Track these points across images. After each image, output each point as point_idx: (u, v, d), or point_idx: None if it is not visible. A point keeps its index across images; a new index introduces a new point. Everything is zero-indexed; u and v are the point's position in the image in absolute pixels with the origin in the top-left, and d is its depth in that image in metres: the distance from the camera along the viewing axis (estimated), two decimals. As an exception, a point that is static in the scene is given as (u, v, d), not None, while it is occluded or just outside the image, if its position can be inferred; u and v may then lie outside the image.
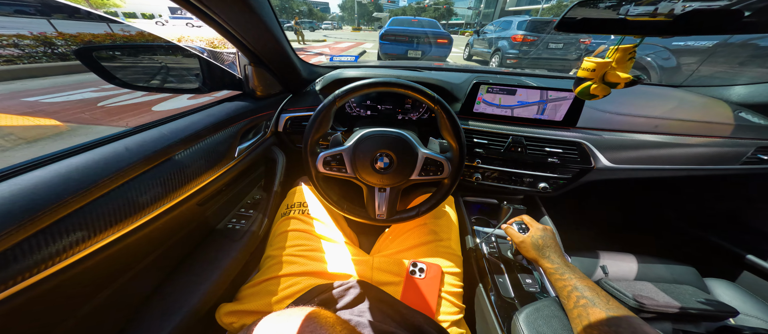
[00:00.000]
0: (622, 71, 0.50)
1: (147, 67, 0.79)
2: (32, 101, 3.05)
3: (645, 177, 0.88)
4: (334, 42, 15.02)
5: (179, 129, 0.56)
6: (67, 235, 0.35)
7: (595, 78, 0.53)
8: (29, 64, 4.05)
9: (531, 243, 0.64)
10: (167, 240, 0.57)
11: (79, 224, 0.36)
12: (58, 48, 4.81)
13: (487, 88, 0.85)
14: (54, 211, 0.33)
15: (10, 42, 4.30)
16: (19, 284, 0.31)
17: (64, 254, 0.35)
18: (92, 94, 3.41)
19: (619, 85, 0.51)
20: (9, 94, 3.23)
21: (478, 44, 7.69)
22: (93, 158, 0.40)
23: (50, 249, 0.33)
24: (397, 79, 0.61)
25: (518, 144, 0.85)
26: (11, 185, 0.32)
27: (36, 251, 0.32)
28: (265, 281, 0.62)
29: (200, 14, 0.53)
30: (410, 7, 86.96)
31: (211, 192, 0.65)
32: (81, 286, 0.41)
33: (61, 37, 4.98)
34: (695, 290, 0.68)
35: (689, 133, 0.85)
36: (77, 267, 0.38)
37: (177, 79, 0.82)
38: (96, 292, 0.44)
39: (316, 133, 0.64)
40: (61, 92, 3.41)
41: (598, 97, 0.55)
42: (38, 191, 0.33)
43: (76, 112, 2.86)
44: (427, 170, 0.64)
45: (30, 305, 0.34)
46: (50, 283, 0.35)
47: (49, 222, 0.33)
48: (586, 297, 0.48)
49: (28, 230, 0.31)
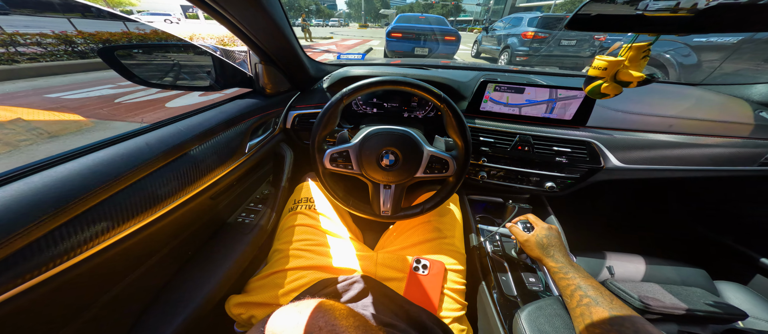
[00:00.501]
0: (635, 70, 0.49)
1: (163, 65, 0.82)
2: (55, 97, 3.20)
3: (657, 178, 0.86)
4: (340, 39, 15.03)
5: (194, 125, 0.58)
6: (93, 225, 0.37)
7: (607, 77, 0.52)
8: (51, 61, 4.24)
9: (536, 242, 0.64)
10: (182, 232, 0.60)
11: (104, 215, 0.39)
12: (78, 46, 5.02)
13: (494, 87, 0.84)
14: (83, 201, 0.36)
15: (34, 41, 4.52)
16: (50, 271, 0.33)
17: (90, 244, 0.37)
18: (110, 90, 3.55)
19: (631, 84, 0.50)
20: (33, 91, 3.39)
21: (486, 41, 7.57)
22: (118, 152, 0.43)
23: (78, 238, 0.36)
24: (404, 78, 0.62)
25: (525, 143, 0.84)
26: (44, 177, 0.34)
27: (65, 240, 0.34)
28: (272, 274, 0.64)
29: (214, 13, 0.54)
30: (417, 3, 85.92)
31: (223, 186, 0.68)
32: (103, 275, 0.43)
33: (80, 36, 5.17)
34: (704, 293, 0.67)
35: (706, 133, 0.83)
36: (100, 257, 0.40)
37: (191, 77, 0.85)
38: (116, 281, 0.46)
39: (323, 130, 0.65)
40: (81, 89, 3.55)
41: (609, 96, 0.54)
42: (69, 182, 0.36)
43: (95, 108, 2.99)
44: (432, 168, 0.65)
45: (56, 293, 0.36)
46: (75, 272, 0.37)
47: (78, 212, 0.36)
48: (589, 296, 0.48)
49: (60, 219, 0.34)
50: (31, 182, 0.33)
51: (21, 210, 0.30)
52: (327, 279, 0.62)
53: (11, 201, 0.31)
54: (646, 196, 1.35)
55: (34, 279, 0.32)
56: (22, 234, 0.30)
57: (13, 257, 0.30)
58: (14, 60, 4.12)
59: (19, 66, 3.87)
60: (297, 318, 0.33)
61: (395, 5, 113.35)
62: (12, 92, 3.31)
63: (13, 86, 3.50)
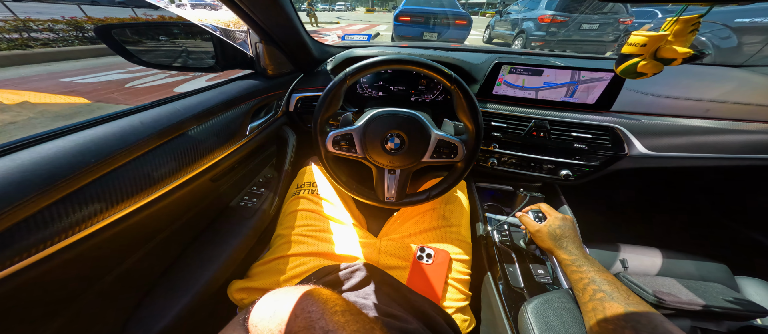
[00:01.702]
0: (681, 45, 0.42)
1: (166, 48, 0.79)
2: (67, 82, 3.28)
3: (686, 166, 0.80)
4: (347, 24, 14.64)
5: (192, 105, 0.56)
6: (86, 205, 0.36)
7: (646, 54, 0.45)
8: (63, 47, 4.32)
9: (548, 233, 0.61)
10: (183, 215, 0.59)
11: (97, 195, 0.37)
12: (88, 32, 5.08)
13: (509, 69, 0.78)
14: (72, 180, 0.34)
15: (46, 26, 4.60)
16: (40, 252, 0.32)
17: (83, 225, 0.36)
18: (120, 75, 3.61)
19: (675, 62, 0.44)
20: (47, 75, 3.47)
21: (499, 26, 7.05)
22: (110, 130, 0.41)
23: (69, 219, 0.35)
24: (411, 57, 0.57)
25: (541, 128, 0.79)
26: (32, 153, 0.33)
27: (56, 221, 0.33)
28: (274, 260, 0.64)
29: None
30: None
31: (224, 169, 0.67)
32: (99, 258, 0.43)
33: (90, 22, 5.23)
34: (723, 288, 0.63)
35: (746, 118, 0.76)
36: (95, 238, 0.39)
37: (193, 59, 0.83)
38: (117, 263, 0.46)
39: (325, 111, 0.62)
40: (93, 74, 3.62)
41: (646, 75, 0.47)
42: (57, 160, 0.34)
43: (106, 93, 3.05)
44: (439, 153, 0.62)
45: (47, 276, 0.35)
46: (68, 254, 0.36)
47: (68, 192, 0.34)
48: (604, 291, 0.45)
49: (49, 198, 0.32)
50: (18, 157, 0.32)
51: (5, 188, 0.29)
52: (329, 266, 0.61)
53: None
54: (668, 185, 1.28)
55: (28, 259, 0.31)
56: (7, 213, 0.29)
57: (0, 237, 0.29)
58: (28, 45, 4.21)
59: (34, 51, 3.96)
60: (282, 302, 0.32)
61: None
62: (28, 76, 3.40)
63: (29, 70, 3.59)
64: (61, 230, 0.34)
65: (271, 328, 0.32)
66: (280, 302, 0.34)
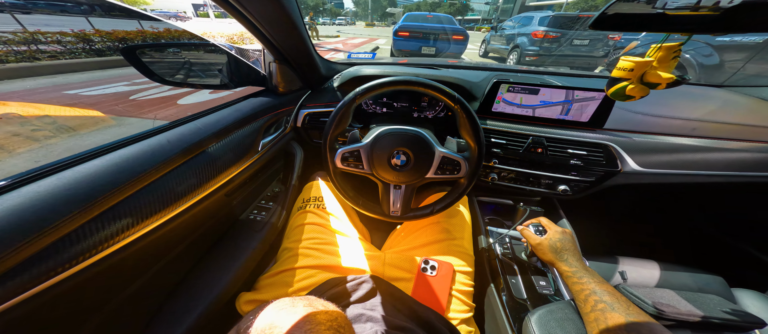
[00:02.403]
0: (664, 71, 0.46)
1: (181, 64, 0.84)
2: (73, 94, 3.32)
3: (677, 183, 0.83)
4: (347, 38, 14.99)
5: (211, 123, 0.59)
6: (118, 221, 0.38)
7: (633, 78, 0.49)
8: (70, 59, 4.41)
9: (548, 245, 0.63)
10: (198, 228, 0.61)
11: (129, 211, 0.40)
12: (95, 44, 5.21)
13: (508, 87, 0.83)
14: (111, 197, 0.37)
15: (54, 39, 4.72)
16: (78, 265, 0.34)
17: (114, 240, 0.38)
18: (124, 87, 3.67)
19: (659, 86, 0.47)
20: (52, 87, 3.53)
21: (495, 41, 7.43)
22: (141, 149, 0.44)
23: (104, 233, 0.37)
24: (418, 78, 0.62)
25: (539, 145, 0.83)
26: (76, 173, 0.36)
27: (93, 235, 0.35)
28: (281, 272, 0.65)
29: (233, 11, 0.55)
30: (425, 2, 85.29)
31: (237, 184, 0.69)
32: (122, 272, 0.44)
33: (97, 34, 5.36)
34: (721, 300, 0.64)
35: (731, 137, 0.80)
36: (124, 252, 0.41)
37: (205, 75, 0.87)
38: (135, 278, 0.48)
39: (335, 129, 0.66)
40: (98, 86, 3.68)
41: (634, 98, 0.51)
42: (99, 178, 0.37)
43: (111, 105, 3.09)
44: (443, 169, 0.65)
45: (81, 287, 0.37)
46: (100, 267, 0.38)
47: (105, 208, 0.37)
48: (604, 301, 0.47)
49: (89, 214, 0.35)
50: (64, 177, 0.35)
51: (54, 205, 0.32)
52: (336, 279, 0.62)
53: (46, 195, 0.32)
54: (662, 200, 1.32)
55: (63, 273, 0.33)
56: (53, 229, 0.31)
57: (46, 252, 0.31)
58: (36, 57, 4.30)
59: (40, 63, 4.04)
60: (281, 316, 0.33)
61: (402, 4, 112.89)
62: (33, 89, 3.45)
63: (34, 83, 3.64)
64: (96, 244, 0.36)
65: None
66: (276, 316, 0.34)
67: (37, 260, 0.31)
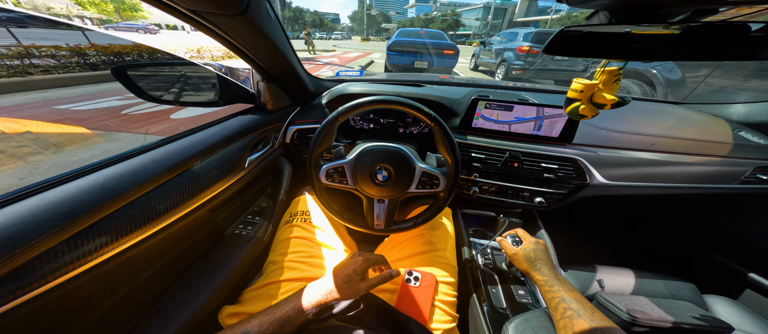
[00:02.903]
0: (608, 93, 0.51)
1: (172, 82, 0.86)
2: (63, 109, 3.30)
3: (641, 194, 0.88)
4: (342, 52, 15.24)
5: (198, 142, 0.62)
6: (96, 238, 0.40)
7: (583, 99, 0.55)
8: (63, 74, 4.39)
9: (523, 256, 0.66)
10: (180, 244, 0.62)
11: (107, 229, 0.41)
12: (90, 58, 5.18)
13: (485, 104, 0.88)
14: (90, 216, 0.39)
15: (48, 53, 4.70)
16: (52, 282, 0.36)
17: (91, 256, 0.40)
18: (117, 102, 3.65)
19: (606, 107, 0.53)
20: (43, 102, 3.49)
21: (484, 55, 7.79)
22: (125, 169, 0.46)
23: (80, 250, 0.38)
24: (396, 98, 0.66)
25: (515, 159, 0.87)
26: (58, 192, 0.38)
27: (69, 253, 0.37)
28: (266, 285, 0.66)
29: (219, 38, 0.59)
30: (418, 18, 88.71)
31: (223, 199, 0.70)
32: (100, 287, 0.45)
33: (93, 48, 5.38)
34: (692, 306, 0.68)
35: (687, 151, 0.85)
36: (101, 268, 0.42)
37: (196, 93, 0.90)
38: (114, 291, 0.48)
39: (319, 146, 0.69)
40: (89, 100, 3.66)
41: (587, 117, 0.56)
42: (79, 198, 0.39)
43: (101, 120, 3.07)
44: (423, 184, 0.68)
45: (56, 303, 0.38)
46: (75, 283, 0.39)
47: (84, 227, 0.39)
48: (572, 308, 0.49)
49: (67, 233, 0.36)
50: (46, 197, 0.36)
51: (33, 224, 0.33)
52: None
53: (26, 215, 0.34)
54: (636, 210, 1.37)
55: (38, 289, 0.34)
56: (32, 246, 0.33)
57: (23, 268, 0.33)
58: (28, 72, 4.27)
59: (32, 78, 4.01)
60: None
61: (396, 20, 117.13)
62: (22, 104, 3.41)
63: (24, 98, 3.60)
64: (73, 260, 0.37)
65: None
66: None
67: (12, 278, 0.32)
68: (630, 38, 0.40)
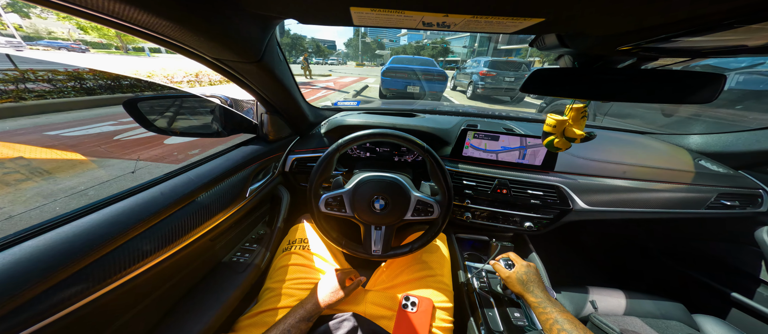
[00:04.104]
0: (577, 128, 0.58)
1: (180, 115, 0.90)
2: (54, 135, 3.24)
3: (620, 219, 0.93)
4: (338, 77, 15.61)
5: (203, 174, 0.65)
6: (104, 270, 0.42)
7: (557, 133, 0.61)
8: (57, 99, 4.36)
9: (516, 278, 0.68)
10: (182, 271, 0.62)
11: (115, 260, 0.43)
12: (87, 82, 5.17)
13: (474, 134, 0.95)
14: (99, 249, 0.41)
15: (45, 77, 4.71)
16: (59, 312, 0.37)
17: (98, 286, 0.41)
18: (111, 127, 3.62)
19: (576, 141, 0.59)
20: (33, 128, 3.42)
21: (460, 77, 9.70)
22: (136, 202, 0.49)
23: (90, 281, 0.40)
24: (393, 131, 0.71)
25: (504, 186, 0.93)
26: (74, 227, 0.40)
27: (74, 285, 0.38)
28: (262, 313, 0.66)
29: (237, 81, 0.65)
30: (410, 45, 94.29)
31: (223, 228, 0.72)
32: (98, 318, 0.46)
33: (91, 73, 5.41)
34: (683, 326, 0.70)
35: (655, 179, 0.92)
36: (101, 301, 0.43)
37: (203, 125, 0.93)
38: (108, 325, 0.48)
39: (320, 177, 0.73)
40: (81, 126, 3.61)
41: (561, 150, 0.63)
42: (92, 233, 0.41)
43: (92, 146, 3.02)
44: (418, 211, 0.72)
45: (73, 326, 0.39)
46: (76, 315, 0.40)
47: (97, 257, 0.41)
48: (565, 330, 0.52)
49: (76, 267, 0.38)
50: (62, 231, 0.39)
51: (49, 260, 0.36)
52: (318, 317, 0.63)
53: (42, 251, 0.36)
54: (622, 233, 1.42)
55: (42, 321, 0.36)
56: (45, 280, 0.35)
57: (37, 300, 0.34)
58: (22, 97, 4.24)
59: (25, 103, 3.97)
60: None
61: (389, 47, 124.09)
62: (12, 130, 3.34)
63: (14, 124, 3.54)
64: (77, 294, 0.39)
65: None
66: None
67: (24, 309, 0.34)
68: (592, 80, 0.47)
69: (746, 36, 0.31)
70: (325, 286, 0.67)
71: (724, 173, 0.97)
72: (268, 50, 0.58)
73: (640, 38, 0.35)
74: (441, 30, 0.43)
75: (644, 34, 0.34)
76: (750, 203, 0.92)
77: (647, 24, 0.32)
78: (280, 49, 0.70)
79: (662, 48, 0.39)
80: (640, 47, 0.38)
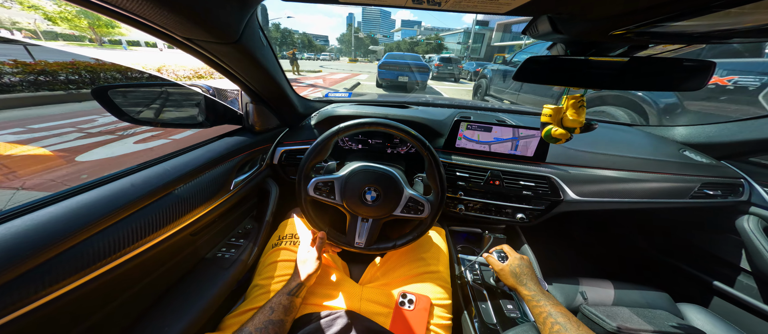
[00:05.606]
0: (576, 117, 0.55)
1: (156, 103, 0.84)
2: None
3: (609, 209, 0.94)
4: (329, 73, 14.96)
5: (181, 165, 0.60)
6: (67, 265, 0.38)
7: (554, 123, 0.58)
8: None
9: (509, 271, 0.68)
10: (158, 269, 0.59)
11: (80, 256, 0.39)
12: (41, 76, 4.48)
13: (467, 125, 0.94)
14: (61, 244, 0.37)
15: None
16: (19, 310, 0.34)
17: (58, 285, 0.37)
18: (11, 136, 2.82)
19: (576, 131, 0.57)
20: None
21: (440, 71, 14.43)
22: (102, 195, 0.45)
23: (50, 278, 0.36)
24: (400, 125, 0.68)
25: (496, 177, 0.92)
26: (26, 221, 0.36)
27: (35, 282, 0.35)
28: (250, 310, 0.63)
29: (213, 64, 0.60)
30: (404, 41, 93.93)
31: (205, 223, 0.68)
32: (71, 315, 0.42)
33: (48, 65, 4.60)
34: (668, 315, 0.72)
35: (642, 169, 0.93)
36: (69, 296, 0.40)
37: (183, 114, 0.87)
38: (83, 321, 0.45)
39: (314, 159, 0.69)
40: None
41: (561, 141, 0.59)
42: (50, 226, 0.37)
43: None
44: (408, 208, 0.70)
45: (34, 326, 0.36)
46: (42, 312, 0.37)
47: (56, 253, 0.37)
48: (559, 323, 0.51)
49: (35, 261, 0.35)
50: (13, 226, 0.35)
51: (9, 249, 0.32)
52: (310, 314, 0.61)
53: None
54: (610, 223, 1.46)
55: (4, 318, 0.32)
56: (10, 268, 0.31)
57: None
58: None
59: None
60: None
61: (383, 42, 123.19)
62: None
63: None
64: (38, 290, 0.35)
65: None
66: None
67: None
68: (584, 68, 0.46)
69: (738, 19, 0.31)
70: (299, 258, 0.67)
71: (708, 163, 0.99)
72: (247, 32, 0.54)
73: (632, 22, 0.34)
74: (431, 8, 0.41)
75: (637, 17, 0.33)
76: (732, 192, 0.94)
77: (640, 5, 0.31)
78: (263, 33, 0.65)
79: (654, 32, 0.38)
80: (632, 32, 0.37)
